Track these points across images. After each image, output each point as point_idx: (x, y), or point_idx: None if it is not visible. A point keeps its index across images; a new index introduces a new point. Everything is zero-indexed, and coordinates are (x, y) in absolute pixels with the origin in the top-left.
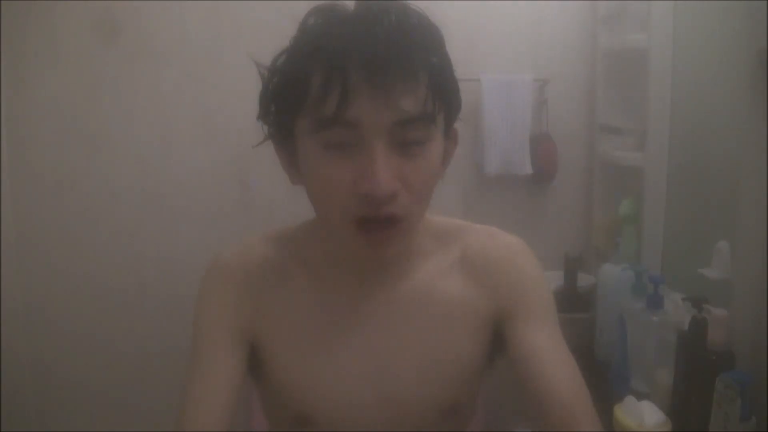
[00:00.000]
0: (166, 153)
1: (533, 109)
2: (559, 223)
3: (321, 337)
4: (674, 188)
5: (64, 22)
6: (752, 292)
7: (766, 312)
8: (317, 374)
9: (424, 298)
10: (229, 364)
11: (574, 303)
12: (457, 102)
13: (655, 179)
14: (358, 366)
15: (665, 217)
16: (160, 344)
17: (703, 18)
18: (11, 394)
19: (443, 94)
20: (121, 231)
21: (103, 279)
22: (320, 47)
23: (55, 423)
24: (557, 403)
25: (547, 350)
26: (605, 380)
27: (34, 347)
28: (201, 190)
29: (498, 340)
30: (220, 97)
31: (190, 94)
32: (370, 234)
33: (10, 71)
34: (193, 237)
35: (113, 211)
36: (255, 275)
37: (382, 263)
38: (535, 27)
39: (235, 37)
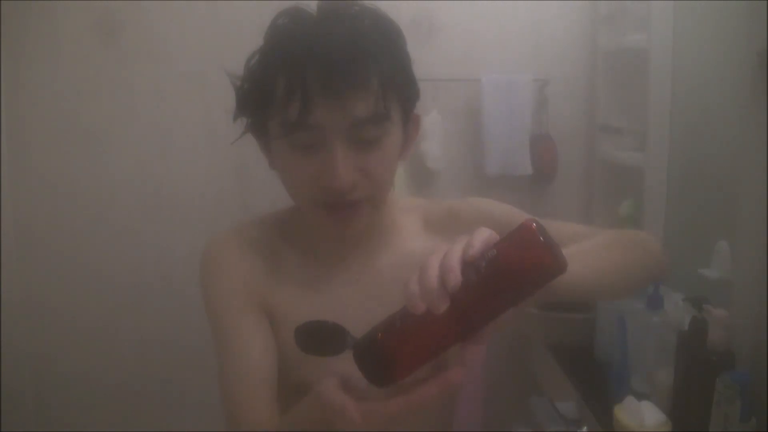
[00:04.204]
0: (166, 153)
1: (533, 109)
2: None
3: (311, 308)
4: (674, 188)
5: (64, 22)
6: (752, 292)
7: (766, 312)
8: None
9: (400, 260)
10: (262, 335)
11: (575, 303)
12: (413, 93)
13: (655, 179)
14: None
15: (665, 217)
16: (160, 342)
17: (703, 18)
18: (11, 392)
19: (396, 93)
20: (120, 230)
21: (103, 277)
22: (282, 57)
23: (55, 421)
24: None
25: None
26: (605, 380)
27: (35, 346)
28: (201, 190)
29: None
30: (220, 96)
31: (190, 94)
32: (336, 216)
33: (10, 71)
34: (192, 236)
35: (113, 210)
36: (248, 256)
37: (359, 238)
38: (535, 27)
39: (234, 37)
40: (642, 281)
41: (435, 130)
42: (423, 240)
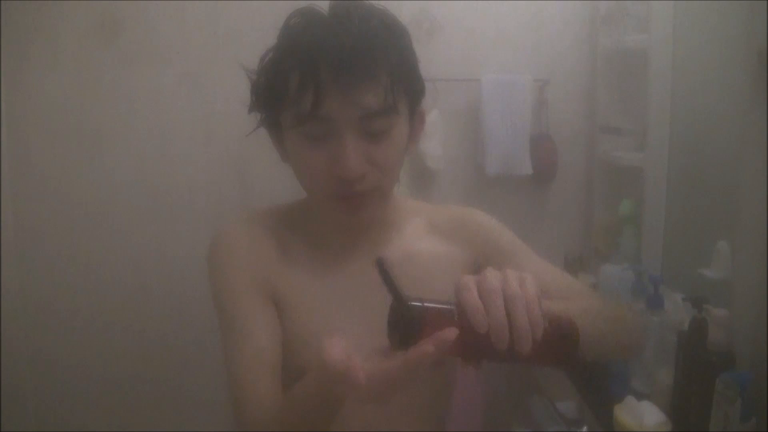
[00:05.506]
0: (165, 153)
1: (533, 110)
2: (559, 223)
3: (317, 299)
4: (674, 188)
5: (64, 22)
6: (752, 292)
7: (766, 312)
8: (314, 331)
9: (407, 255)
10: (268, 320)
11: None
12: (419, 88)
13: (655, 179)
14: (351, 322)
15: (665, 217)
16: (160, 341)
17: (703, 18)
18: (11, 392)
19: (403, 87)
20: (120, 230)
21: (102, 278)
22: (296, 53)
23: (55, 421)
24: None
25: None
26: (605, 380)
27: (35, 346)
28: (201, 190)
29: None
30: (220, 96)
31: (190, 94)
32: (346, 205)
33: (10, 71)
34: (192, 236)
35: (113, 210)
36: (257, 243)
37: (365, 230)
38: (535, 27)
39: (234, 37)
40: (621, 354)
41: (435, 129)
42: (427, 241)
